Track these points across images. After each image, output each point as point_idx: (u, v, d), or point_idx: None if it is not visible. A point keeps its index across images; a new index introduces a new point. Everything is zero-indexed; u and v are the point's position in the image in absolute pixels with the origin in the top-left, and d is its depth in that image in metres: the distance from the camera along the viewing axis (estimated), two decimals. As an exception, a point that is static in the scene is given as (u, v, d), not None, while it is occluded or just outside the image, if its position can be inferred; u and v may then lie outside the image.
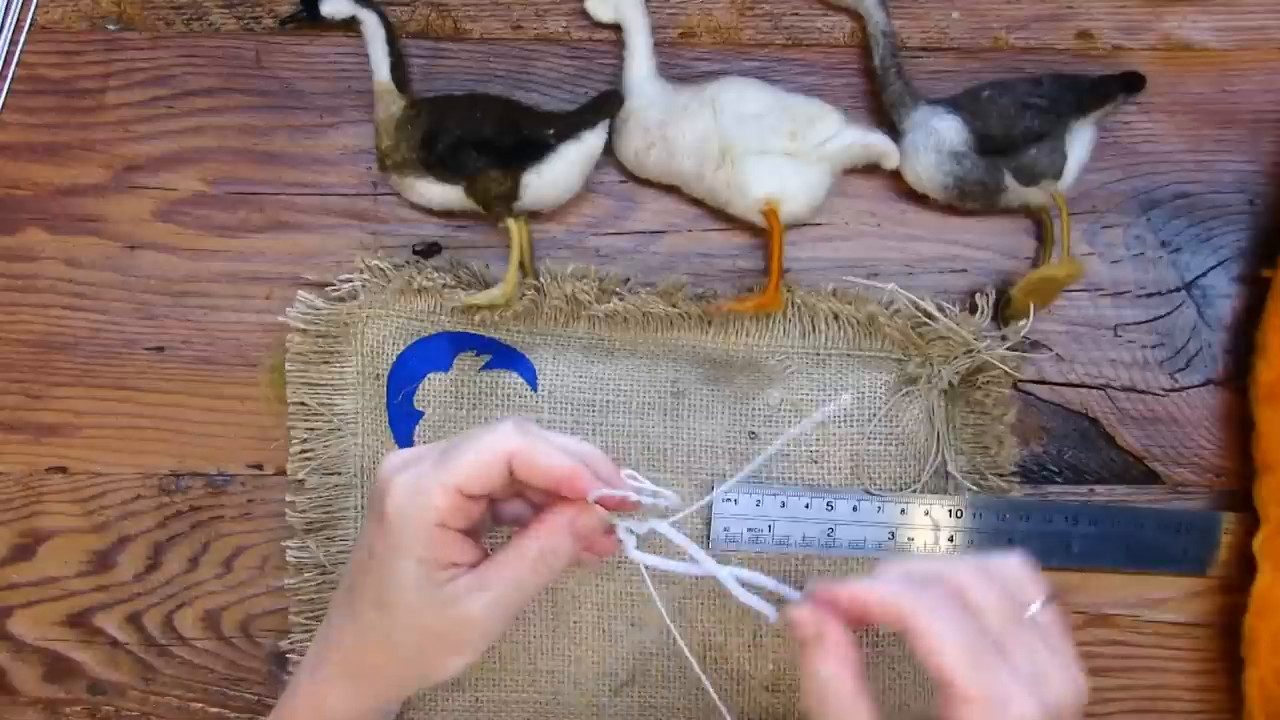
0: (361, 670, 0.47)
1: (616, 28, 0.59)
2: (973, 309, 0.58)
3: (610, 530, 0.46)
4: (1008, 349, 0.57)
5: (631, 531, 0.46)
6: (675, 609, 0.58)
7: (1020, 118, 0.56)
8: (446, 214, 0.60)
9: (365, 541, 0.47)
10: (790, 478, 0.58)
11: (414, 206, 0.60)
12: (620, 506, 0.45)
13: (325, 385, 0.60)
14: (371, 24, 0.57)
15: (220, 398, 0.61)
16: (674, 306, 0.58)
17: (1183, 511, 0.60)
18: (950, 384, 0.58)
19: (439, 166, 0.56)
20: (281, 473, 0.60)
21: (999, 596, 0.41)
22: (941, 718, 0.39)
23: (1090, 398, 0.60)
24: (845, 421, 0.58)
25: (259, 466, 0.61)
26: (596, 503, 0.44)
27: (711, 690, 0.47)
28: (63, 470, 0.61)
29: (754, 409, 0.58)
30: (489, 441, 0.44)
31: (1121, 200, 0.60)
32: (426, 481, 0.45)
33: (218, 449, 0.61)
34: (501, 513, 0.49)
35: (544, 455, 0.44)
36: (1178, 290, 0.60)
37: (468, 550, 0.46)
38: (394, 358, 0.59)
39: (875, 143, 0.57)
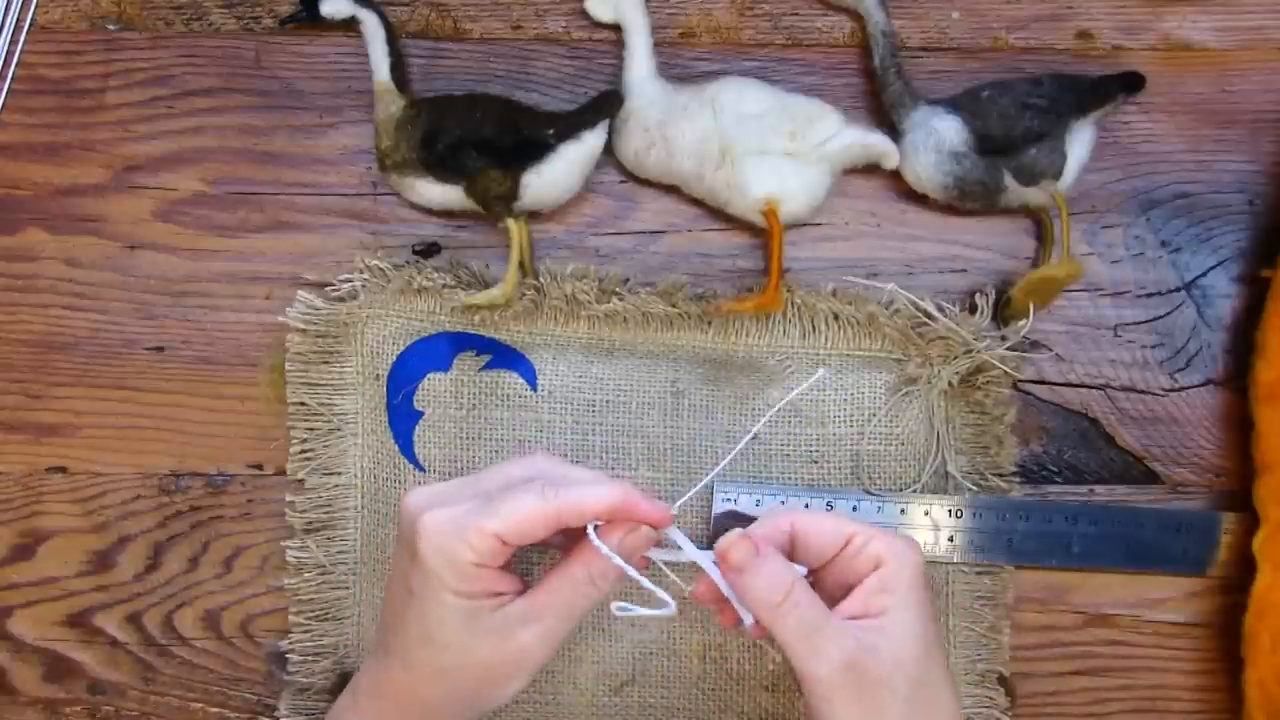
0: (416, 704, 0.48)
1: (616, 28, 0.59)
2: (973, 309, 0.58)
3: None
4: (1008, 349, 0.57)
5: None
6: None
7: (1020, 118, 0.56)
8: (446, 214, 0.60)
9: (400, 580, 0.47)
10: (790, 478, 0.58)
11: (414, 206, 0.60)
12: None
13: (325, 385, 0.60)
14: (371, 24, 0.57)
15: (220, 398, 0.61)
16: (674, 306, 0.58)
17: (1183, 511, 0.60)
18: (950, 384, 0.58)
19: (439, 166, 0.56)
20: (281, 473, 0.60)
21: None
22: (859, 569, 0.47)
23: (1090, 398, 0.60)
24: (845, 421, 0.58)
25: (259, 466, 0.61)
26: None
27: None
28: (63, 470, 0.61)
29: (754, 409, 0.58)
30: (535, 504, 0.45)
31: (1121, 200, 0.60)
32: (465, 523, 0.45)
33: (218, 449, 0.61)
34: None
35: (590, 497, 0.46)
36: (1178, 290, 0.60)
37: (506, 581, 0.47)
38: (394, 358, 0.59)
39: (875, 143, 0.57)
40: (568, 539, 0.50)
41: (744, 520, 0.56)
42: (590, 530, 0.46)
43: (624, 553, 0.47)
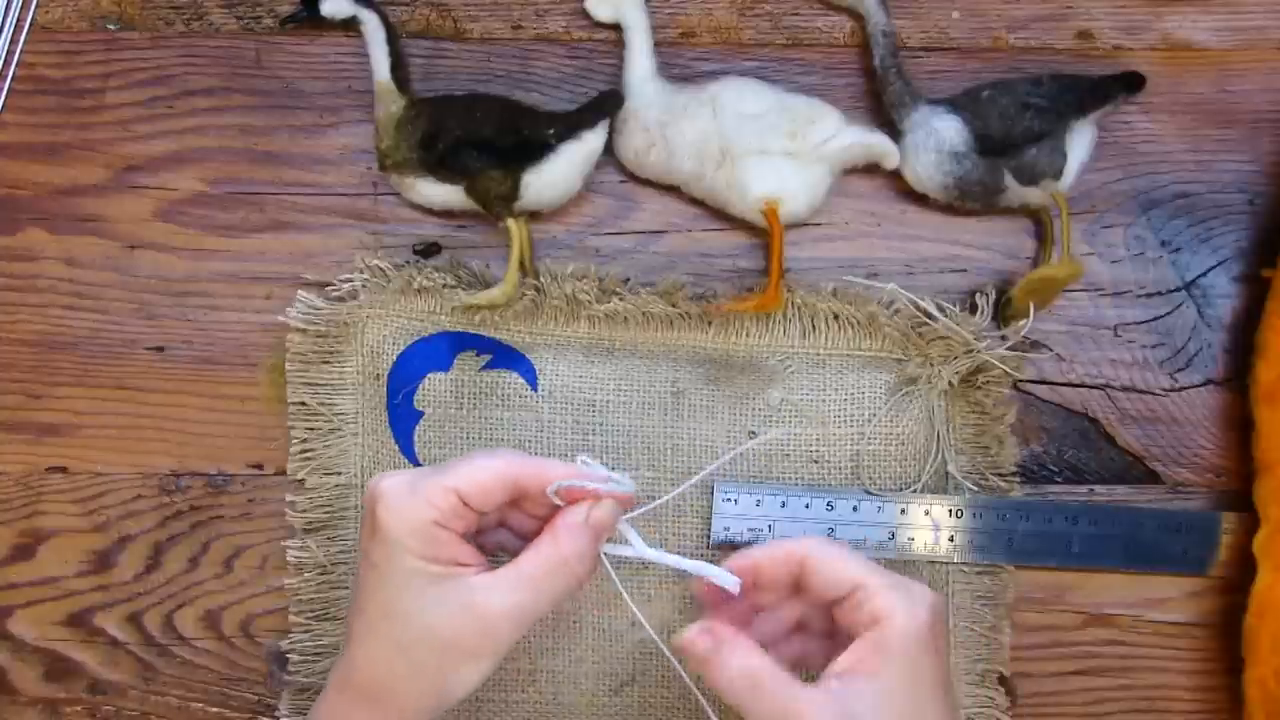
0: (381, 689, 0.46)
1: (616, 28, 0.59)
2: (973, 309, 0.58)
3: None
4: (1008, 349, 0.57)
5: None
6: (675, 610, 0.58)
7: (1020, 118, 0.56)
8: (446, 214, 0.60)
9: (363, 560, 0.47)
10: (790, 478, 0.58)
11: (414, 206, 0.60)
12: (584, 495, 0.47)
13: (325, 385, 0.60)
14: (371, 24, 0.57)
15: (220, 398, 0.61)
16: (674, 306, 0.58)
17: (1183, 511, 0.60)
18: (950, 384, 0.58)
19: (439, 166, 0.56)
20: (281, 473, 0.60)
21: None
22: (860, 623, 0.46)
23: (1090, 398, 0.60)
24: (845, 421, 0.58)
25: (259, 466, 0.61)
26: (558, 494, 0.47)
27: (699, 694, 0.47)
28: (63, 470, 0.61)
29: (754, 409, 0.58)
30: (492, 461, 0.46)
31: (1121, 200, 0.60)
32: (423, 483, 0.45)
33: (218, 449, 0.61)
34: (486, 542, 0.50)
35: (551, 464, 0.47)
36: (1178, 290, 0.60)
37: (470, 553, 0.46)
38: (394, 358, 0.59)
39: (875, 143, 0.57)
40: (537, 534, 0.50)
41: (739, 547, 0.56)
42: (550, 491, 0.46)
43: (592, 528, 0.47)
